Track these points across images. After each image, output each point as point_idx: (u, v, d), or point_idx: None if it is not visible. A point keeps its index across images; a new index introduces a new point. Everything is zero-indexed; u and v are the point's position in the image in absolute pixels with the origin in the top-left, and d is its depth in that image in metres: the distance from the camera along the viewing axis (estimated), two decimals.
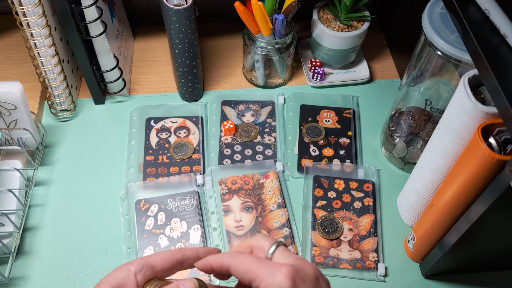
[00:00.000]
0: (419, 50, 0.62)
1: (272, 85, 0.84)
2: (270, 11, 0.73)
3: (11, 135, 0.68)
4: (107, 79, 0.78)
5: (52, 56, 0.69)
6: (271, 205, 0.69)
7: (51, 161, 0.74)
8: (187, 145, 0.75)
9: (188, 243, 0.65)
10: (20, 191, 0.67)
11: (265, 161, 0.74)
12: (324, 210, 0.69)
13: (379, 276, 0.64)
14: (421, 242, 0.62)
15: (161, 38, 0.90)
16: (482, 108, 0.47)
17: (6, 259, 0.63)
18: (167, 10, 0.66)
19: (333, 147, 0.76)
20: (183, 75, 0.76)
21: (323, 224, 0.67)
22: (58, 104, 0.76)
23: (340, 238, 0.66)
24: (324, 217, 0.68)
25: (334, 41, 0.78)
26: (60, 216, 0.69)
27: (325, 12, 0.80)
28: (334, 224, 0.67)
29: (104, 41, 0.73)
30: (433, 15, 0.58)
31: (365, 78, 0.85)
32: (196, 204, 0.69)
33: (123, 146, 0.76)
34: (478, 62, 0.45)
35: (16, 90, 0.63)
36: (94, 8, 0.68)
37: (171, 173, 0.72)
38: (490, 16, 0.46)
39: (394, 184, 0.73)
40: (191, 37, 0.70)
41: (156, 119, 0.78)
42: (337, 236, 0.66)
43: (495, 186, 0.45)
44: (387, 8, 0.90)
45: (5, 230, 0.62)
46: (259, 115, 0.79)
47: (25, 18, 0.64)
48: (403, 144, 0.72)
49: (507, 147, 0.46)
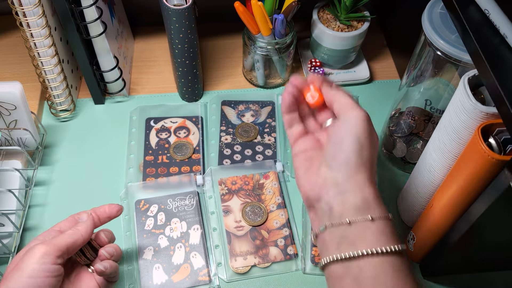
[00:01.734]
0: (419, 50, 0.62)
1: (272, 85, 0.84)
2: (270, 11, 0.73)
3: (11, 135, 0.68)
4: (107, 79, 0.78)
5: (52, 56, 0.69)
6: (271, 205, 0.69)
7: (51, 161, 0.74)
8: (187, 145, 0.75)
9: (188, 243, 0.65)
10: (20, 191, 0.67)
11: (265, 161, 0.74)
12: None
13: None
14: (421, 242, 0.62)
15: (161, 38, 0.90)
16: (482, 108, 0.47)
17: (6, 259, 0.63)
18: (167, 10, 0.66)
19: None
20: (183, 75, 0.76)
21: None
22: (58, 104, 0.76)
23: None
24: None
25: (334, 41, 0.78)
26: (60, 216, 0.68)
27: (325, 12, 0.80)
28: None
29: (104, 41, 0.73)
30: (433, 15, 0.58)
31: (365, 78, 0.85)
32: (196, 204, 0.69)
33: (123, 146, 0.76)
34: (478, 62, 0.45)
35: (16, 90, 0.63)
36: (94, 8, 0.68)
37: (171, 173, 0.72)
38: (490, 16, 0.46)
39: (394, 184, 0.73)
40: (191, 37, 0.70)
41: (156, 119, 0.78)
42: None
43: (495, 186, 0.45)
44: (387, 8, 0.90)
45: (5, 230, 0.62)
46: (259, 115, 0.79)
47: (25, 18, 0.64)
48: (403, 144, 0.72)
49: (507, 147, 0.46)
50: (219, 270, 0.64)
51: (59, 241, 0.49)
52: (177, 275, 0.63)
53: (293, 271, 0.64)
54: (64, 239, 0.50)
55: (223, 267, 0.64)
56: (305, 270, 0.64)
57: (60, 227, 0.54)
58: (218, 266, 0.64)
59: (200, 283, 0.62)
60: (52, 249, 0.48)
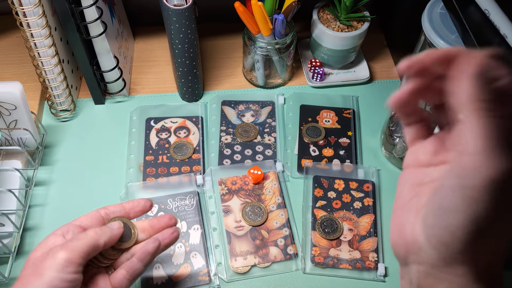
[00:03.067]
0: (419, 50, 0.62)
1: (272, 85, 0.84)
2: (270, 11, 0.73)
3: (11, 135, 0.68)
4: (107, 79, 0.78)
5: (52, 56, 0.69)
6: (271, 205, 0.69)
7: (51, 161, 0.74)
8: (187, 145, 0.75)
9: (188, 243, 0.65)
10: (20, 191, 0.67)
11: (265, 161, 0.74)
12: (324, 210, 0.69)
13: (379, 276, 0.64)
14: None
15: (161, 38, 0.90)
16: None
17: (6, 259, 0.63)
18: (167, 10, 0.66)
19: (333, 147, 0.76)
20: (183, 75, 0.76)
21: (323, 224, 0.67)
22: (58, 104, 0.76)
23: (340, 238, 0.66)
24: (324, 217, 0.68)
25: (334, 41, 0.78)
26: (60, 216, 0.68)
27: (325, 12, 0.80)
28: (334, 224, 0.67)
29: (104, 41, 0.73)
30: (433, 15, 0.58)
31: (365, 78, 0.85)
32: (196, 204, 0.69)
33: (123, 146, 0.76)
34: None
35: (16, 90, 0.63)
36: (94, 8, 0.68)
37: (171, 173, 0.72)
38: (490, 16, 0.46)
39: (394, 184, 0.72)
40: (191, 37, 0.71)
41: (156, 119, 0.78)
42: (337, 236, 0.66)
43: None
44: (387, 8, 0.90)
45: (5, 230, 0.62)
46: (259, 115, 0.79)
47: (25, 19, 0.64)
48: (403, 144, 0.72)
49: None
50: (219, 270, 0.64)
51: (82, 246, 0.45)
52: (177, 275, 0.63)
53: (293, 271, 0.64)
54: (87, 243, 0.46)
55: (223, 267, 0.64)
56: (305, 270, 0.64)
57: (82, 223, 0.49)
58: (218, 266, 0.64)
59: (200, 283, 0.62)
60: (75, 256, 0.44)
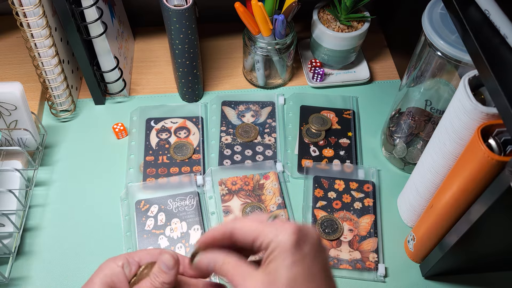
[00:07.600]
0: (419, 51, 0.62)
1: (272, 85, 0.84)
2: (270, 11, 0.73)
3: (11, 135, 0.68)
4: (107, 80, 0.78)
5: (53, 56, 0.69)
6: (271, 205, 0.69)
7: (51, 161, 0.74)
8: (187, 146, 0.75)
9: (188, 244, 0.65)
10: (20, 192, 0.67)
11: (265, 161, 0.74)
12: (324, 211, 0.69)
13: (379, 277, 0.64)
14: (421, 243, 0.62)
15: (161, 39, 0.90)
16: (482, 108, 0.47)
17: (6, 260, 0.63)
18: (167, 10, 0.66)
19: (333, 148, 0.76)
20: (183, 76, 0.77)
21: (323, 225, 0.67)
22: (58, 104, 0.76)
23: (340, 239, 0.66)
24: (324, 218, 0.68)
25: (334, 41, 0.78)
26: (60, 216, 0.69)
27: (325, 13, 0.80)
28: (334, 224, 0.67)
29: (104, 41, 0.73)
30: (433, 15, 0.58)
31: (365, 79, 0.85)
32: (196, 205, 0.69)
33: (123, 146, 0.76)
34: (478, 63, 0.45)
35: (16, 91, 0.63)
36: (95, 8, 0.68)
37: (171, 173, 0.72)
38: (490, 16, 0.46)
39: (394, 184, 0.73)
40: (191, 38, 0.71)
41: (156, 120, 0.78)
42: (337, 236, 0.66)
43: (495, 187, 0.45)
44: (387, 8, 0.90)
45: (5, 231, 0.62)
46: (259, 116, 0.79)
47: (26, 19, 0.64)
48: (403, 145, 0.72)
49: (507, 148, 0.46)
50: None
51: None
52: None
53: None
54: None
55: None
56: None
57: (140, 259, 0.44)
58: None
59: None
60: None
